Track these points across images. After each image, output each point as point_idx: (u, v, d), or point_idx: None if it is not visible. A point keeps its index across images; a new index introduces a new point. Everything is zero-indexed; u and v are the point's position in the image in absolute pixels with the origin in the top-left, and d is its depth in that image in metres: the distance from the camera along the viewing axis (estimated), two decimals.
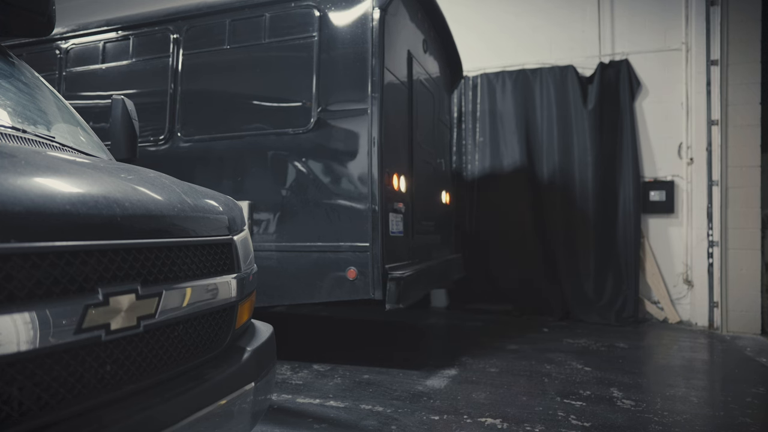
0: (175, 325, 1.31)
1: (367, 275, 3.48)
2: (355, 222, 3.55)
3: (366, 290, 3.49)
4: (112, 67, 4.32)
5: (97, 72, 4.35)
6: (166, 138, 4.06)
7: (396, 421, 2.74)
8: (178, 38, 4.11)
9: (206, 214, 1.54)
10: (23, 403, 0.93)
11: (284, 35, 3.85)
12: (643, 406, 2.97)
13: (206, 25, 4.07)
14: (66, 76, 4.43)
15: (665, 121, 5.79)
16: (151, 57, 4.21)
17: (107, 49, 4.36)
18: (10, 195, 0.96)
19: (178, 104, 4.05)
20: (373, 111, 3.57)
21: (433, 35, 4.99)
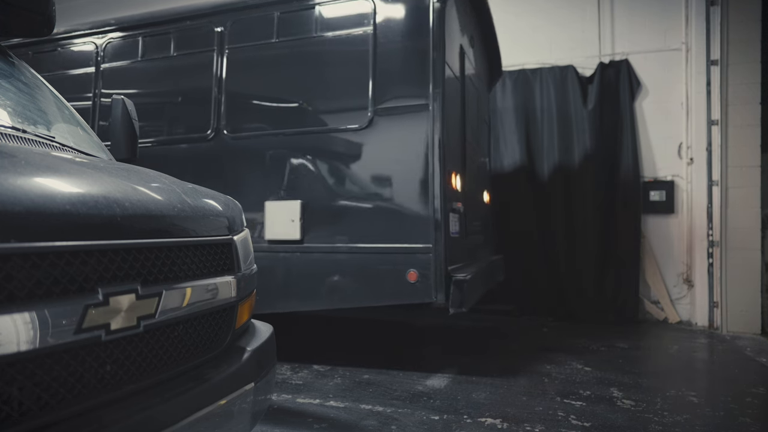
0: (175, 325, 1.31)
1: (429, 278, 3.34)
2: (415, 222, 3.41)
3: (427, 293, 3.35)
4: (151, 62, 4.20)
5: (136, 68, 4.24)
6: (210, 135, 3.94)
7: (396, 421, 2.74)
8: (223, 32, 3.98)
9: (206, 214, 1.54)
10: (23, 403, 0.93)
11: (337, 29, 3.70)
12: (643, 406, 2.97)
13: (253, 18, 3.94)
14: (103, 72, 4.31)
15: (665, 121, 5.79)
16: (193, 51, 4.08)
17: (146, 44, 4.21)
18: (10, 195, 0.96)
19: (223, 100, 3.94)
20: (434, 107, 3.43)
21: (478, 30, 4.88)
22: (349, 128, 3.61)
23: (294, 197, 3.66)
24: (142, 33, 4.22)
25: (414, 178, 3.45)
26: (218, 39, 3.98)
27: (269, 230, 3.68)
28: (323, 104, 3.72)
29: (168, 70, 4.14)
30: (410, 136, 3.48)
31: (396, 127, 3.51)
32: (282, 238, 3.64)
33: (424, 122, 3.44)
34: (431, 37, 3.48)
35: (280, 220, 3.65)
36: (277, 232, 3.66)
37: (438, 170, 3.41)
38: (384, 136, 3.53)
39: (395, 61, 3.56)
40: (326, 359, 4.01)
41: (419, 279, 3.35)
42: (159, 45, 4.18)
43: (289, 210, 3.64)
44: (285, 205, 3.66)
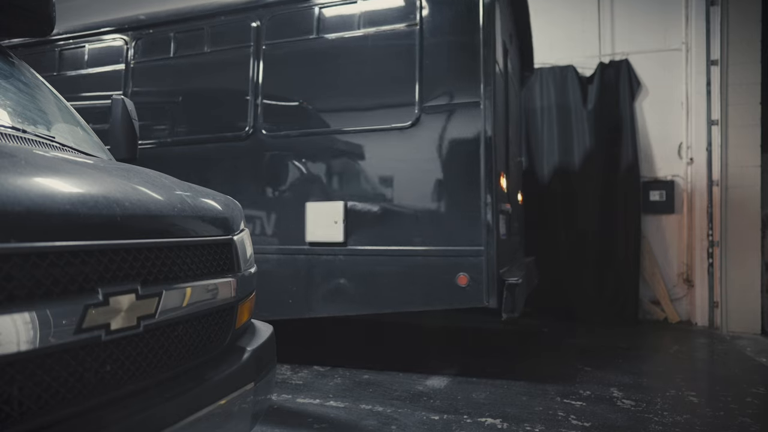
0: (175, 325, 1.31)
1: (480, 281, 3.22)
2: (465, 224, 3.28)
3: (478, 297, 3.23)
4: (184, 58, 4.06)
5: (168, 65, 4.10)
6: (247, 134, 3.82)
7: (396, 421, 2.74)
8: (260, 27, 3.85)
9: (206, 214, 1.54)
10: (23, 403, 0.93)
11: (381, 24, 3.56)
12: (643, 406, 2.97)
13: (291, 13, 3.81)
14: (134, 70, 4.18)
15: (665, 121, 5.79)
16: (228, 48, 3.94)
17: (179, 41, 4.09)
18: (10, 195, 0.96)
19: (260, 98, 3.80)
20: (485, 105, 3.30)
21: (515, 27, 4.78)
22: (394, 127, 3.48)
23: (337, 198, 3.56)
24: (174, 29, 4.09)
25: (463, 179, 3.33)
26: (255, 35, 3.86)
27: (310, 232, 3.58)
28: (367, 102, 3.59)
29: (202, 67, 4.02)
30: (460, 135, 3.36)
31: (444, 125, 3.39)
32: (324, 241, 3.54)
33: (474, 120, 3.32)
34: (481, 33, 3.35)
35: (322, 221, 3.55)
36: (318, 234, 3.56)
37: (489, 170, 3.29)
38: (431, 134, 3.41)
39: (443, 57, 3.43)
40: (326, 359, 4.01)
41: (470, 283, 3.24)
42: (192, 41, 4.04)
43: (331, 211, 3.54)
44: (327, 206, 3.56)
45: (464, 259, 3.27)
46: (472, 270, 3.25)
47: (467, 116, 3.35)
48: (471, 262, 3.25)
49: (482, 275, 3.23)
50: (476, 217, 3.28)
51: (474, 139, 3.33)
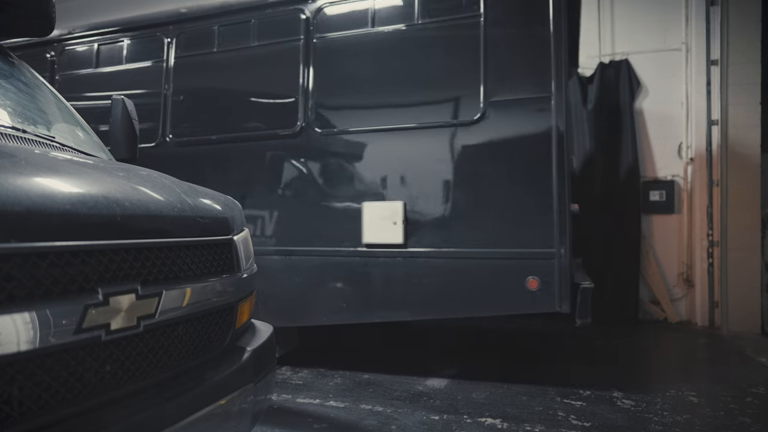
0: (175, 325, 1.31)
1: (552, 285, 3.07)
2: (536, 225, 3.12)
3: (550, 302, 3.08)
4: (228, 53, 3.90)
5: (212, 60, 3.95)
6: (297, 131, 3.64)
7: (396, 421, 2.74)
8: (309, 19, 3.69)
9: (206, 213, 1.54)
10: (23, 403, 0.93)
11: (442, 15, 3.38)
12: (643, 406, 2.97)
13: (344, 4, 3.64)
14: (176, 64, 4.03)
15: (665, 121, 5.79)
16: (276, 41, 3.77)
17: (223, 34, 3.91)
18: (10, 195, 0.96)
19: (311, 93, 3.64)
20: (557, 99, 3.14)
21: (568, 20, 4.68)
22: (457, 123, 3.31)
23: (396, 198, 3.39)
24: (218, 22, 3.93)
25: (533, 177, 3.16)
26: (305, 27, 3.70)
27: (368, 233, 3.41)
28: (427, 97, 3.42)
29: (248, 61, 3.85)
30: (529, 131, 3.18)
31: (512, 121, 3.21)
32: (382, 242, 3.38)
33: (545, 116, 3.15)
34: (551, 25, 3.18)
35: (380, 222, 3.39)
36: (376, 236, 3.39)
37: (561, 168, 3.12)
38: (498, 131, 3.23)
39: (509, 49, 3.26)
40: (326, 359, 4.01)
41: (540, 287, 3.09)
42: (238, 35, 3.87)
43: (390, 211, 3.37)
44: (386, 207, 3.39)
45: (535, 262, 3.11)
46: (544, 273, 3.09)
47: (537, 111, 3.18)
48: (542, 264, 3.10)
49: (554, 279, 3.07)
50: (547, 218, 3.11)
51: (544, 135, 3.15)
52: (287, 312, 3.60)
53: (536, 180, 3.16)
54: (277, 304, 3.59)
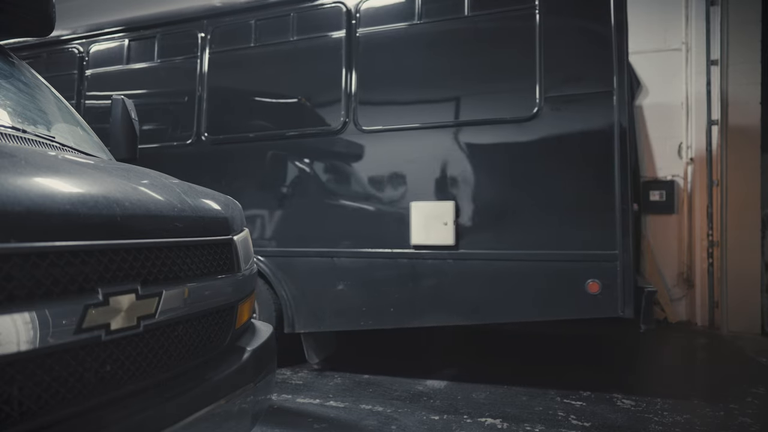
0: (175, 325, 1.31)
1: (615, 289, 2.94)
2: (597, 226, 2.99)
3: (612, 307, 2.95)
4: (266, 47, 3.76)
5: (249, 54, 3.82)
6: (340, 128, 3.52)
7: (396, 421, 2.74)
8: (350, 13, 3.56)
9: (206, 214, 1.54)
10: (23, 403, 0.93)
11: (495, 6, 3.25)
12: (643, 406, 2.97)
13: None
14: (211, 60, 3.91)
15: (665, 121, 5.79)
16: (318, 36, 3.65)
17: (261, 29, 3.78)
18: (10, 195, 0.96)
19: (354, 88, 3.50)
20: (619, 94, 3.00)
21: None
22: (511, 119, 3.17)
23: (446, 197, 3.25)
24: (255, 17, 3.81)
25: (594, 175, 3.04)
26: (346, 21, 3.58)
27: (416, 234, 3.28)
28: (478, 93, 3.28)
29: (288, 56, 3.72)
30: (589, 128, 3.05)
31: (571, 117, 3.08)
32: (432, 244, 3.25)
33: (606, 112, 3.02)
34: (612, 15, 3.05)
35: (429, 223, 3.25)
36: (425, 237, 3.26)
37: (623, 166, 2.98)
38: (556, 127, 3.09)
39: (568, 42, 3.12)
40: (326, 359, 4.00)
41: (601, 291, 2.95)
42: (277, 29, 3.74)
43: (440, 212, 3.24)
44: (436, 207, 3.26)
45: (595, 264, 2.98)
46: (605, 276, 2.96)
47: (598, 107, 3.04)
48: (604, 267, 2.97)
49: (617, 282, 2.94)
50: (609, 218, 2.98)
51: (605, 131, 3.02)
52: (329, 316, 3.50)
53: (597, 178, 3.03)
54: (318, 308, 3.51)
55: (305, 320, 3.54)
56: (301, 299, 3.53)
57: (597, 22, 3.09)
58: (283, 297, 3.56)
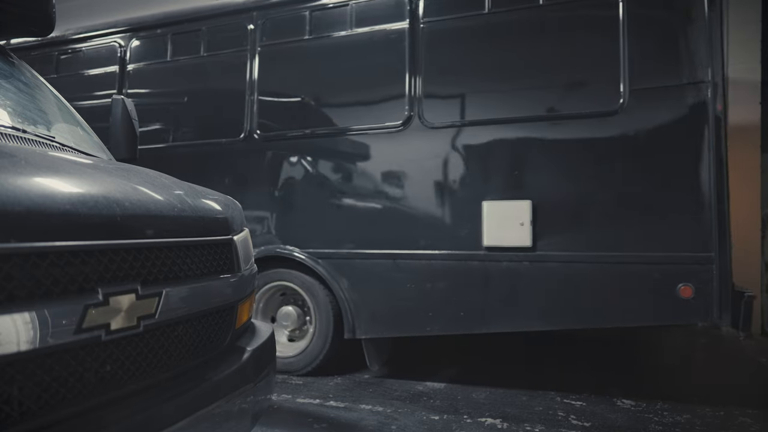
0: (175, 325, 1.31)
1: (710, 294, 2.77)
2: (690, 226, 2.81)
3: (706, 312, 2.78)
4: (323, 39, 3.61)
5: (304, 47, 3.65)
6: (404, 123, 3.35)
7: (396, 421, 2.74)
8: (413, 2, 3.39)
9: (206, 214, 1.54)
10: (23, 403, 0.93)
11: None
12: (643, 406, 2.97)
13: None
14: (262, 53, 3.76)
15: None
16: (378, 27, 3.47)
17: (317, 21, 3.63)
18: (10, 195, 0.95)
19: (419, 81, 3.33)
20: (714, 86, 2.81)
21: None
22: (592, 113, 2.99)
23: (522, 196, 3.08)
24: (310, 8, 3.66)
25: (685, 172, 2.85)
26: (410, 11, 3.41)
27: (489, 235, 3.10)
28: (557, 86, 3.10)
29: (347, 49, 3.55)
30: (681, 122, 2.87)
31: (660, 111, 2.90)
32: (506, 245, 3.08)
33: (700, 105, 2.83)
34: (706, 1, 2.86)
35: (503, 223, 3.08)
36: (499, 238, 3.09)
37: (719, 162, 2.80)
38: (643, 121, 2.91)
39: (656, 30, 2.93)
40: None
41: (695, 295, 2.77)
42: (336, 21, 3.58)
43: (516, 211, 3.06)
44: (510, 206, 3.08)
45: (688, 267, 2.80)
46: (699, 280, 2.78)
47: (690, 99, 2.85)
48: (697, 270, 2.79)
49: (712, 286, 2.76)
50: (704, 218, 2.79)
51: (699, 125, 2.83)
52: (392, 321, 3.36)
53: (690, 175, 2.84)
54: (380, 312, 3.37)
55: (366, 325, 3.41)
56: (361, 303, 3.41)
57: (689, 8, 2.89)
58: (342, 301, 3.44)
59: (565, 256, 3.01)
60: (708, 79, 2.83)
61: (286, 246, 3.60)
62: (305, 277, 3.58)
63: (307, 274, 3.57)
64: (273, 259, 3.63)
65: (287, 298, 3.79)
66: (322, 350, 3.54)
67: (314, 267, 3.50)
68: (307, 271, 3.56)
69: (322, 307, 3.53)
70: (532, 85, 3.14)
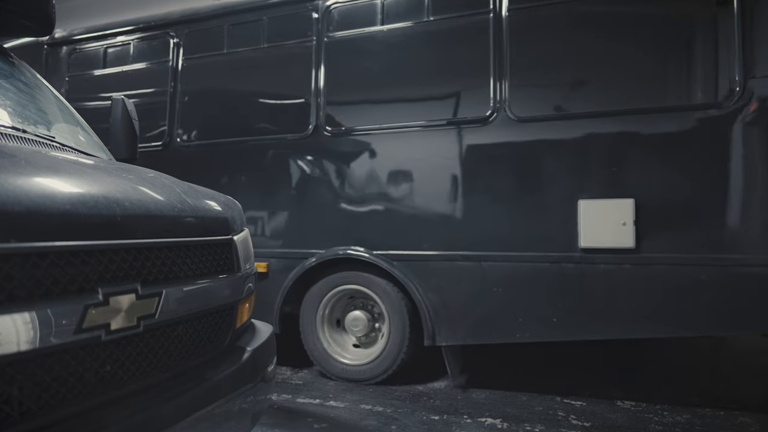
0: (175, 325, 1.31)
1: None
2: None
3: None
4: (394, 30, 3.40)
5: (375, 36, 3.44)
6: (488, 116, 3.12)
7: (396, 421, 2.74)
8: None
9: (206, 214, 1.54)
10: (23, 403, 0.93)
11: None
12: (643, 406, 2.97)
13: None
14: (328, 44, 3.55)
15: None
16: (458, 15, 3.27)
17: (388, 9, 3.42)
18: (10, 195, 0.96)
19: (507, 71, 3.11)
20: None
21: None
22: (703, 107, 2.76)
23: (623, 194, 2.87)
24: None
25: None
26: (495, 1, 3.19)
27: (586, 236, 2.90)
28: (661, 75, 2.88)
29: (422, 39, 3.35)
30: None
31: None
32: (606, 246, 2.89)
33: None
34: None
35: (602, 223, 2.88)
36: (597, 239, 2.89)
37: None
38: (757, 112, 2.67)
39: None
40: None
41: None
42: (409, 9, 3.39)
43: (618, 210, 2.86)
44: (611, 205, 2.88)
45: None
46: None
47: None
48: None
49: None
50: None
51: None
52: (477, 327, 3.16)
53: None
54: (464, 319, 3.17)
55: (448, 332, 3.21)
56: (442, 309, 3.20)
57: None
58: (420, 306, 3.23)
59: (672, 258, 2.79)
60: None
61: (358, 247, 3.39)
62: (378, 280, 3.37)
63: (380, 277, 3.37)
64: (342, 262, 3.45)
65: (354, 303, 3.58)
66: (396, 358, 3.33)
67: (390, 270, 3.29)
68: (380, 273, 3.36)
69: (397, 313, 3.34)
70: (632, 75, 2.93)
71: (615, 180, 2.91)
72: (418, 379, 3.51)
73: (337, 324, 3.63)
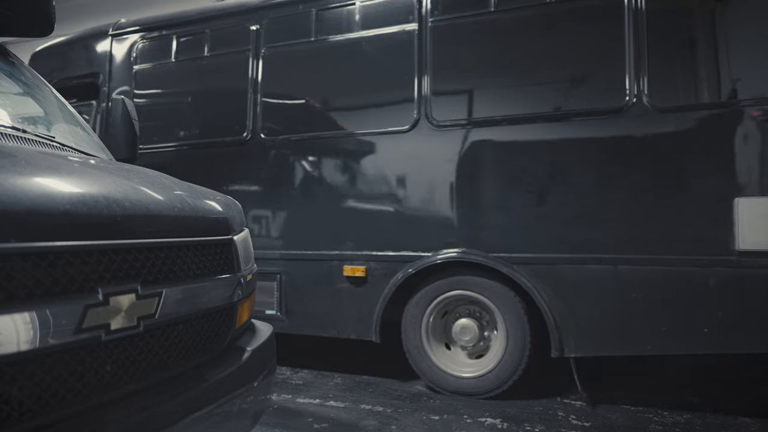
0: (175, 325, 1.31)
1: None
2: None
3: None
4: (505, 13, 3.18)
5: (487, 20, 3.21)
6: (624, 106, 2.87)
7: (396, 421, 2.74)
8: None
9: (206, 214, 1.54)
10: (23, 403, 0.93)
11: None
12: (643, 406, 2.97)
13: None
14: (434, 29, 3.32)
15: None
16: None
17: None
18: (10, 195, 0.96)
19: (644, 57, 2.87)
20: None
21: None
22: None
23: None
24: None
25: None
26: None
27: (745, 238, 2.61)
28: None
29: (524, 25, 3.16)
30: None
31: None
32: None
33: None
34: None
35: (766, 223, 2.62)
36: (761, 241, 2.61)
37: None
38: None
39: None
40: (326, 359, 4.01)
41: None
42: None
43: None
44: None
45: None
46: None
47: None
48: None
49: None
50: None
51: None
52: (613, 337, 2.89)
53: None
54: (597, 328, 2.91)
55: (578, 342, 2.94)
56: (570, 316, 2.93)
57: None
58: (546, 314, 2.97)
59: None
60: None
61: (473, 250, 3.12)
62: (494, 285, 3.11)
63: (497, 281, 3.11)
64: (453, 266, 3.20)
65: (458, 310, 3.34)
66: (516, 370, 3.08)
67: (510, 274, 3.01)
68: (496, 277, 3.11)
69: (516, 321, 3.08)
70: None
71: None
72: (418, 379, 3.51)
73: (443, 333, 3.40)
